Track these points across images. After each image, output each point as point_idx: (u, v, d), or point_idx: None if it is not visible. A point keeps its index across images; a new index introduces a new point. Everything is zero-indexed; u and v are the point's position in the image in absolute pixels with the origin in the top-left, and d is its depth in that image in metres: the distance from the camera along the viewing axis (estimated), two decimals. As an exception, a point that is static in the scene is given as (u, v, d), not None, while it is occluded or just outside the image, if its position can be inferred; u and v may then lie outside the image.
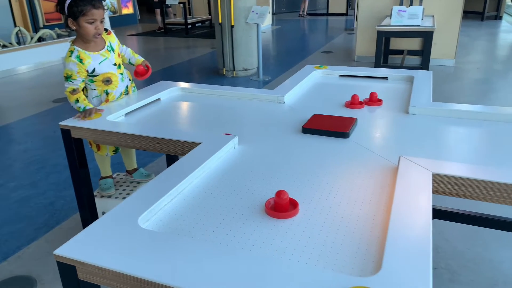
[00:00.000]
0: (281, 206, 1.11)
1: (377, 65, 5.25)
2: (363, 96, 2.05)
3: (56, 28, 7.82)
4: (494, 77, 5.61)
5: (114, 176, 2.34)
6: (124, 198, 2.16)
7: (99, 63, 1.93)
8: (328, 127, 1.66)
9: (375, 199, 1.18)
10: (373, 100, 2.02)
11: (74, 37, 1.96)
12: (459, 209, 2.07)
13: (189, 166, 1.32)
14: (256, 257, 0.92)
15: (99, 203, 2.09)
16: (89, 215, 1.96)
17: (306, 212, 1.12)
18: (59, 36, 7.62)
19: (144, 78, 2.14)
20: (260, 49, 5.57)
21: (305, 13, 13.78)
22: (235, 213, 1.13)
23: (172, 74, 6.31)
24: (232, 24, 5.50)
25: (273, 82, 5.57)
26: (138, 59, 2.18)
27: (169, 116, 1.97)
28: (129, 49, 2.18)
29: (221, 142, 1.50)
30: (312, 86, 2.39)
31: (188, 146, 1.52)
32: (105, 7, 1.88)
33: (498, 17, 11.35)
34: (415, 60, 6.32)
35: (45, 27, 8.25)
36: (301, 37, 10.25)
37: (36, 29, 8.19)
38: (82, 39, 1.92)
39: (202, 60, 7.36)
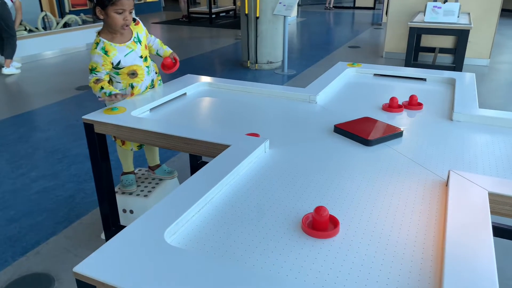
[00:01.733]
0: (321, 224, 1.01)
1: (407, 62, 5.04)
2: (401, 98, 1.92)
3: (82, 14, 7.83)
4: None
5: (136, 171, 2.27)
6: (145, 195, 2.10)
7: (125, 56, 1.85)
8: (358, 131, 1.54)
9: (424, 219, 1.06)
10: (413, 104, 1.88)
11: (100, 27, 1.88)
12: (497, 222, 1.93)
13: (218, 171, 1.22)
14: (295, 284, 0.82)
15: (120, 199, 2.02)
16: (109, 211, 1.90)
17: (347, 232, 1.01)
18: (84, 22, 7.64)
19: (171, 71, 2.05)
20: (286, 42, 5.43)
21: (331, 6, 13.48)
22: (269, 228, 1.03)
23: (194, 65, 6.23)
24: (258, 15, 5.36)
25: (298, 77, 5.43)
26: (166, 50, 2.09)
27: (195, 113, 1.88)
28: (158, 39, 2.09)
29: (252, 145, 1.40)
30: (345, 85, 2.26)
31: (217, 148, 1.43)
32: None
33: (535, 15, 10.83)
34: (447, 58, 6.06)
35: (71, 12, 8.28)
36: (327, 31, 10.02)
37: (62, 14, 8.22)
38: (109, 30, 1.84)
39: (225, 51, 7.26)
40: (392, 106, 1.86)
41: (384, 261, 0.91)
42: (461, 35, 4.63)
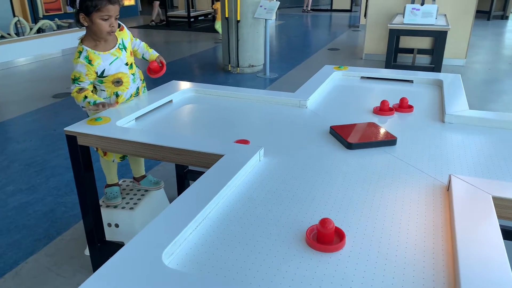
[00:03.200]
0: (326, 237, 0.96)
1: (388, 64, 5.09)
2: (390, 101, 1.90)
3: (56, 19, 7.63)
4: (505, 78, 5.46)
5: (120, 183, 2.18)
6: (131, 208, 2.01)
7: (110, 64, 1.77)
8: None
9: (429, 225, 1.03)
10: (404, 107, 1.87)
11: (77, 31, 1.79)
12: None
13: (213, 184, 1.16)
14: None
15: (105, 213, 1.93)
16: (94, 226, 1.80)
17: (354, 244, 0.97)
18: (59, 27, 7.43)
19: (158, 75, 1.97)
20: (267, 45, 5.40)
21: (309, 9, 13.58)
22: (272, 244, 0.97)
23: (175, 69, 6.13)
24: (238, 19, 5.31)
25: (281, 80, 5.41)
26: (153, 54, 2.01)
27: (182, 120, 1.82)
28: (143, 43, 2.01)
29: (246, 154, 1.35)
30: (333, 89, 2.23)
31: (209, 158, 1.37)
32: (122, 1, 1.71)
33: (504, 17, 11.19)
34: (425, 59, 6.16)
35: (44, 17, 8.04)
36: (305, 33, 10.06)
37: (35, 19, 7.97)
38: (93, 37, 1.75)
39: (205, 55, 7.18)
40: (383, 109, 1.84)
41: (395, 273, 0.87)
42: (439, 36, 4.70)
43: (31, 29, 6.85)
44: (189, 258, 0.93)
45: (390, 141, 1.51)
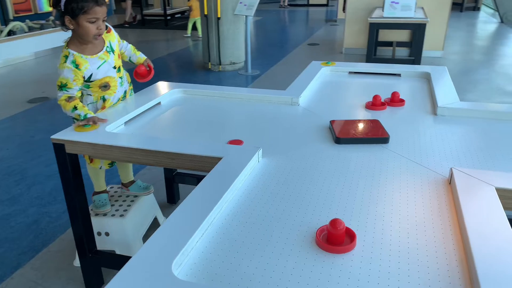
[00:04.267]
0: (337, 238, 0.94)
1: (369, 57, 5.13)
2: (381, 95, 1.89)
3: (28, 20, 7.37)
4: (480, 68, 5.59)
5: (107, 189, 2.11)
6: (121, 215, 1.95)
7: (97, 68, 1.69)
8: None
9: (437, 220, 1.02)
10: (395, 101, 1.87)
11: (54, 32, 1.70)
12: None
13: (215, 189, 1.13)
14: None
15: (94, 222, 1.86)
16: (84, 235, 1.73)
17: (364, 243, 0.95)
18: (30, 29, 7.18)
19: (146, 80, 1.91)
20: (248, 42, 5.36)
21: (286, 4, 13.58)
22: (281, 247, 0.95)
23: (154, 69, 6.00)
24: (219, 16, 5.25)
25: (263, 77, 5.38)
26: (140, 57, 1.94)
27: (173, 123, 1.77)
28: (130, 45, 1.94)
29: (245, 155, 1.31)
30: (322, 85, 2.22)
31: (207, 162, 1.33)
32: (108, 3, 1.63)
33: (476, 8, 11.47)
34: (403, 51, 6.24)
35: (15, 19, 7.75)
36: (284, 29, 10.06)
37: (5, 21, 7.67)
38: (79, 40, 1.66)
39: (184, 54, 7.08)
40: (375, 104, 1.84)
41: (410, 271, 0.86)
42: (419, 29, 4.76)
43: (1, 31, 6.60)
44: (198, 268, 0.89)
45: (381, 138, 1.48)
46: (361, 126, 1.57)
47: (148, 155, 1.41)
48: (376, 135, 1.49)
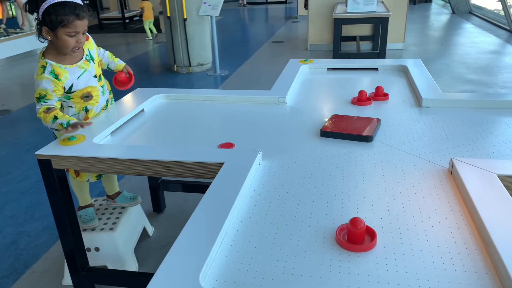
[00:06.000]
0: (358, 236, 0.95)
1: (335, 53, 5.22)
2: (365, 90, 1.92)
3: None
4: (438, 58, 5.83)
5: (92, 203, 2.02)
6: (111, 229, 1.87)
7: (78, 78, 1.60)
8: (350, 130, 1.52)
9: (448, 213, 1.05)
10: (380, 95, 1.90)
11: (44, 46, 1.59)
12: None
13: (225, 196, 1.10)
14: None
15: (83, 237, 1.77)
16: (76, 252, 1.64)
17: (384, 242, 0.96)
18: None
19: (126, 87, 1.84)
20: (215, 42, 5.31)
21: (245, 2, 13.58)
22: (303, 249, 0.94)
23: (119, 74, 5.83)
24: (185, 17, 5.16)
25: (233, 77, 5.35)
26: (119, 64, 1.87)
27: (160, 130, 1.71)
28: (108, 52, 1.86)
29: (246, 159, 1.29)
30: (304, 82, 2.23)
31: (207, 168, 1.30)
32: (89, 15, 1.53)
33: (428, 0, 11.95)
34: (367, 45, 6.40)
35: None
36: (246, 27, 10.06)
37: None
38: (57, 51, 1.58)
39: (148, 57, 6.93)
40: (361, 99, 1.86)
41: (434, 264, 0.88)
42: (382, 22, 4.90)
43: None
44: (223, 279, 0.87)
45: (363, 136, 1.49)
46: (357, 122, 1.59)
47: (144, 165, 1.36)
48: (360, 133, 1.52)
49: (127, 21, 9.78)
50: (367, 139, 1.48)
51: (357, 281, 0.84)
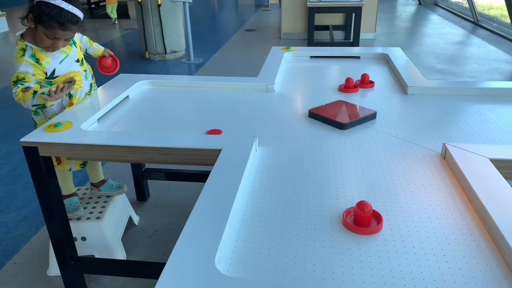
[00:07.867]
0: (364, 219, 0.97)
1: (310, 42, 5.25)
2: (349, 77, 1.94)
3: None
4: (408, 47, 5.99)
5: (76, 192, 1.95)
6: (98, 218, 1.82)
7: (60, 62, 1.53)
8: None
9: (447, 196, 1.08)
10: (365, 82, 1.94)
11: (22, 29, 1.51)
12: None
13: (228, 182, 1.09)
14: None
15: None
16: (64, 241, 1.58)
17: (390, 223, 0.99)
18: None
19: (112, 72, 1.78)
20: (189, 29, 5.21)
21: (215, -10, 13.35)
22: (312, 232, 0.95)
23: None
24: (159, 3, 5.02)
25: (208, 64, 5.28)
26: (98, 48, 1.80)
27: (147, 116, 1.66)
28: (86, 36, 1.78)
29: (244, 145, 1.29)
30: (288, 70, 2.23)
31: (205, 154, 1.28)
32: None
33: (395, -9, 12.17)
34: (339, 35, 6.48)
35: None
36: (217, 15, 9.92)
37: None
38: (35, 37, 1.50)
39: (118, 44, 6.71)
40: (348, 86, 1.89)
41: (441, 244, 0.91)
42: (356, 12, 4.96)
43: None
44: (237, 263, 0.86)
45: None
46: (345, 108, 1.61)
47: (137, 152, 1.32)
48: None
49: (93, 6, 9.41)
50: (343, 126, 1.49)
51: (369, 263, 0.86)
